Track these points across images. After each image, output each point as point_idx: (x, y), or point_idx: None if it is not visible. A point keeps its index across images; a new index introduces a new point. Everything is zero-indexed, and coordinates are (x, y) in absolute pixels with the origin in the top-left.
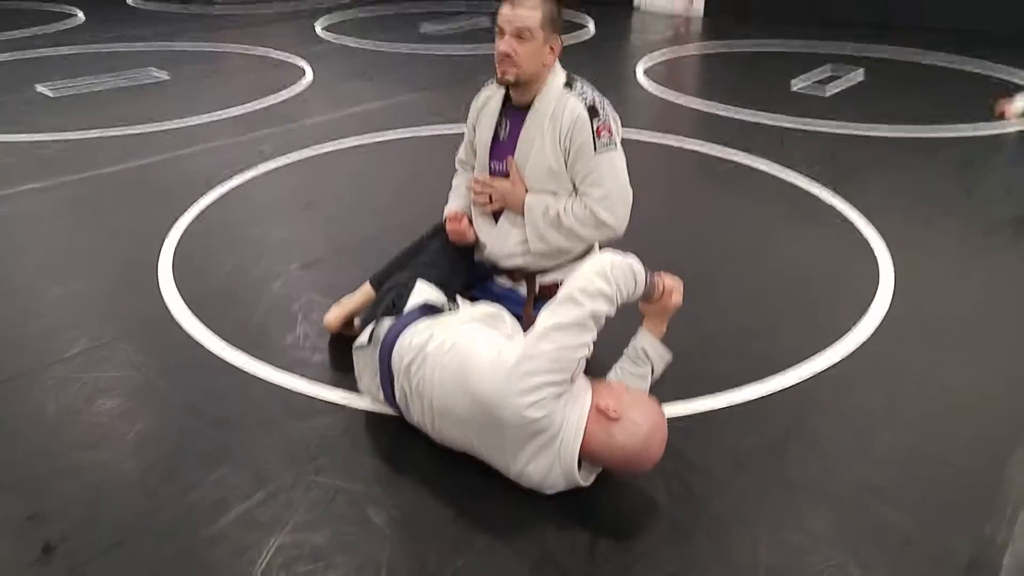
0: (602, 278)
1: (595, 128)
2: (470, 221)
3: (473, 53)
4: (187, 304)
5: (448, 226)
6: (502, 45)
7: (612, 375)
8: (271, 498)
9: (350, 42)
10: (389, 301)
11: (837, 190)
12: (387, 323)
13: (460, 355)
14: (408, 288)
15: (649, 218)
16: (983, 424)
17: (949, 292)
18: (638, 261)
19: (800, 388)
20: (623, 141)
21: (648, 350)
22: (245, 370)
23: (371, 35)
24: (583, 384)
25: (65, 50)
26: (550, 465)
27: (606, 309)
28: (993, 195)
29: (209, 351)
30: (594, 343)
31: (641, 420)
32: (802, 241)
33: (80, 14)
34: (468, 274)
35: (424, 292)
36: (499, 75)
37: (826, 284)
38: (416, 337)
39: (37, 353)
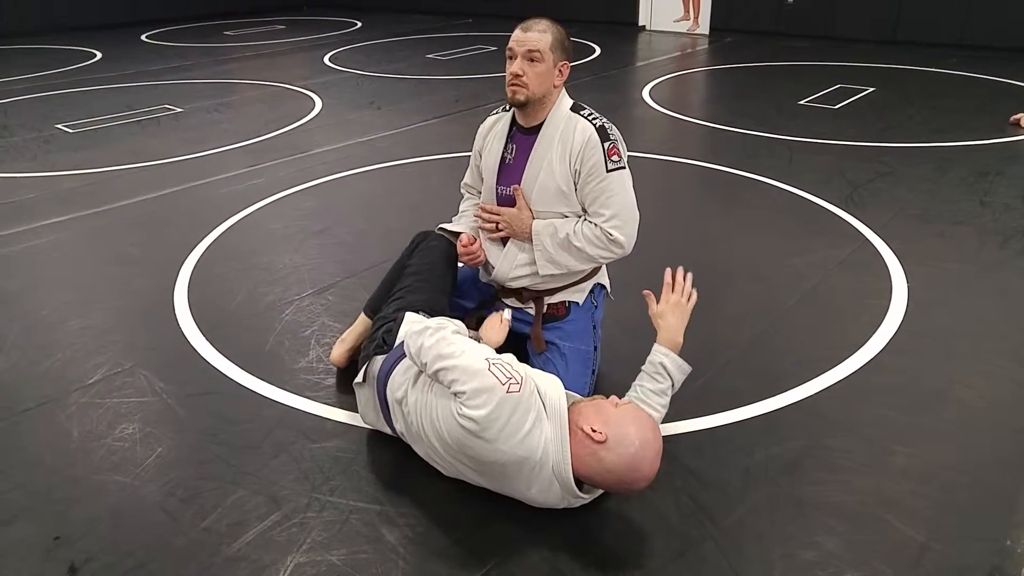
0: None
1: (606, 149)
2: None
3: (478, 78)
4: (203, 331)
5: (461, 251)
6: (513, 67)
7: (632, 394)
8: (287, 519)
9: (357, 72)
10: (379, 338)
11: (847, 204)
12: (379, 360)
13: (432, 399)
14: (397, 322)
15: (659, 234)
16: (1000, 436)
17: (964, 304)
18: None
19: (811, 402)
20: (629, 161)
21: (667, 365)
22: (260, 394)
23: (378, 64)
24: (555, 399)
25: (83, 88)
26: (549, 486)
27: (414, 328)
28: (1008, 205)
29: (225, 376)
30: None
31: (629, 440)
32: (813, 255)
33: (98, 53)
34: (453, 286)
35: (411, 324)
36: (510, 95)
37: (838, 298)
38: (403, 374)
39: (60, 380)
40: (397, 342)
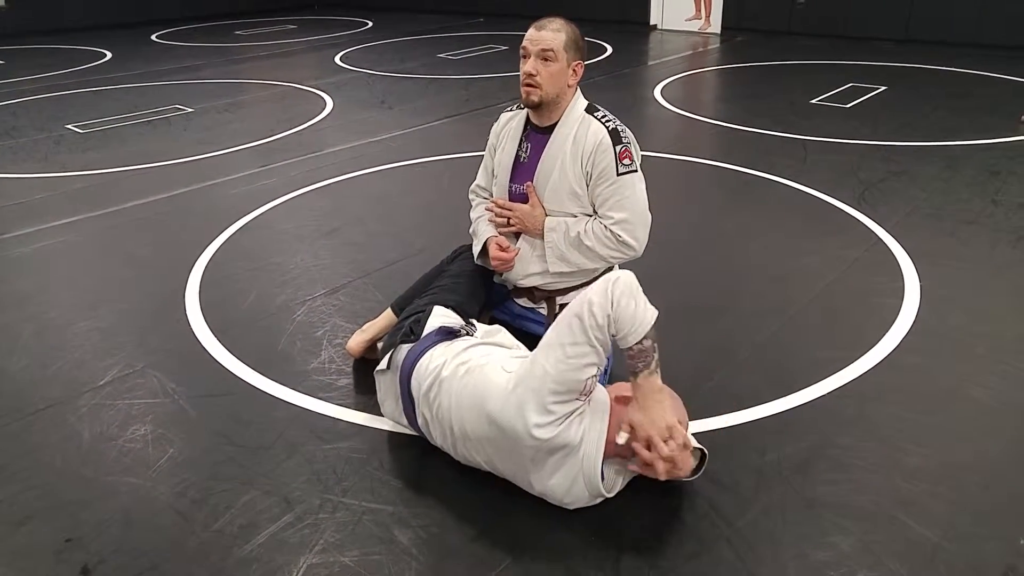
0: (601, 295)
1: (618, 152)
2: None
3: (490, 78)
4: (214, 332)
5: (497, 254)
6: (527, 66)
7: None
8: (299, 520)
9: (369, 71)
10: (407, 328)
11: (860, 203)
12: (405, 349)
13: (474, 379)
14: (426, 314)
15: (672, 234)
16: (1015, 436)
17: (977, 303)
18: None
19: (825, 402)
20: (641, 162)
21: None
22: (272, 395)
23: (389, 64)
24: (601, 397)
25: (93, 88)
26: (574, 477)
27: (605, 324)
28: (1021, 203)
29: (237, 377)
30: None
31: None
32: (825, 255)
33: (108, 53)
34: (487, 297)
35: (441, 317)
36: (524, 96)
37: (850, 297)
38: (432, 362)
39: (72, 382)
40: (424, 332)
